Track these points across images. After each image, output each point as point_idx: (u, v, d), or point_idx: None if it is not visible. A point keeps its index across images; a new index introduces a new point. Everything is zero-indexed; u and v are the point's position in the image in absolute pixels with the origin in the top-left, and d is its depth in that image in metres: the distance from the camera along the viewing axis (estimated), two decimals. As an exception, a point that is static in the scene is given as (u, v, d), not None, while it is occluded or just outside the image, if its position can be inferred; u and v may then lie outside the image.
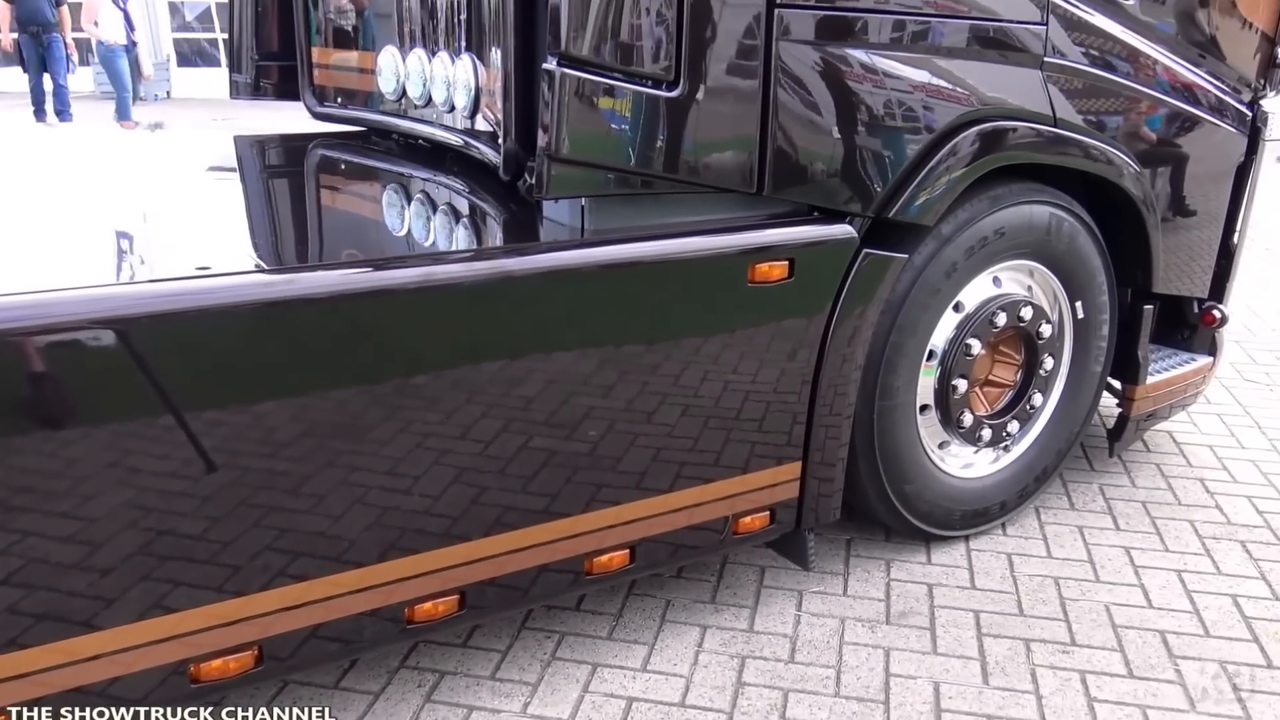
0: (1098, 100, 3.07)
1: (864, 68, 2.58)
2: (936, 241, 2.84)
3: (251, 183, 3.45)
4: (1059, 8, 2.88)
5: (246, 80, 3.71)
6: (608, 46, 2.25)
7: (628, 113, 2.31)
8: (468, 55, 2.70)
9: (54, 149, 4.42)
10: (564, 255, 2.37)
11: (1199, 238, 3.59)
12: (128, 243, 2.50)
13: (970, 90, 2.75)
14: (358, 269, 2.23)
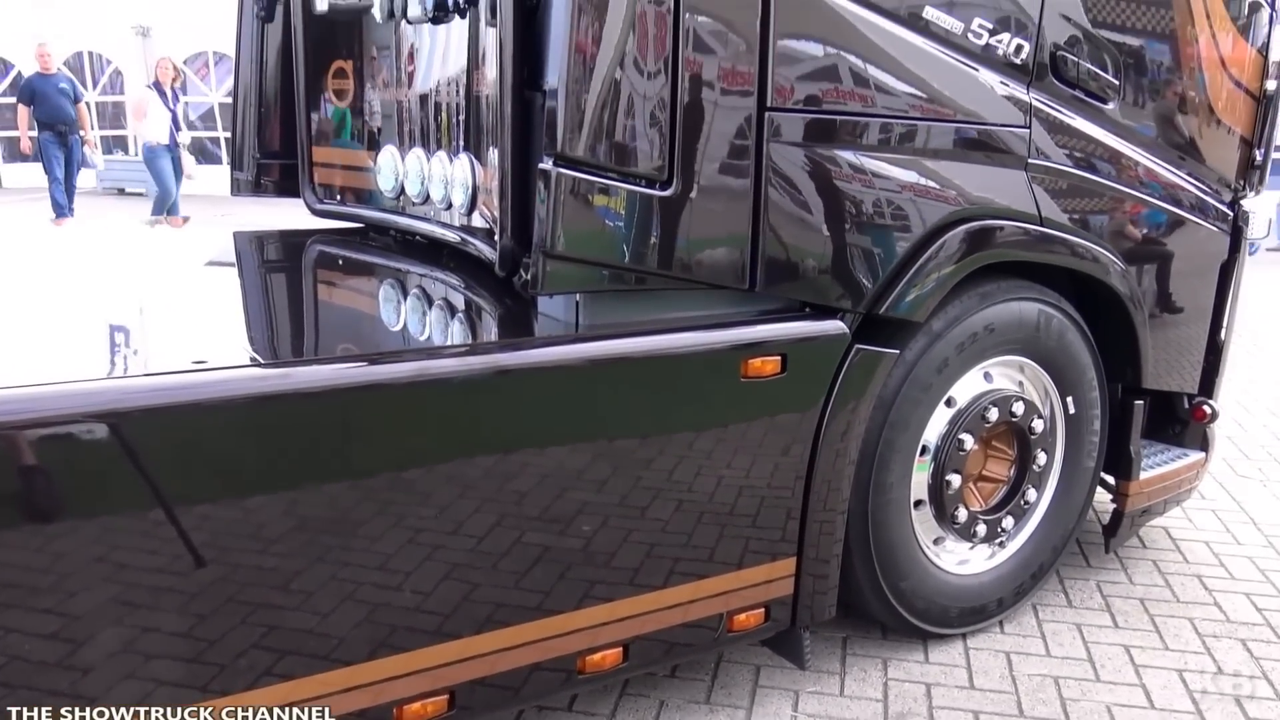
0: (1082, 200, 3.13)
1: (853, 168, 2.64)
2: (927, 337, 2.87)
3: (250, 277, 3.49)
4: (1040, 111, 2.96)
5: (248, 178, 3.77)
6: (602, 147, 2.31)
7: (622, 211, 2.36)
8: (465, 155, 2.76)
9: (53, 242, 4.47)
10: (558, 350, 2.38)
11: (1187, 334, 3.63)
12: (123, 336, 2.51)
13: (957, 190, 2.81)
14: (353, 363, 2.24)
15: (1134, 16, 3.15)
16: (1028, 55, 2.89)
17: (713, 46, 2.40)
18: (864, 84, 2.63)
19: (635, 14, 2.28)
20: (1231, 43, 3.46)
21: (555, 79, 2.27)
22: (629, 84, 2.30)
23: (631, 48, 2.29)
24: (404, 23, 2.95)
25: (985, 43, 2.80)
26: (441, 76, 2.93)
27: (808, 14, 2.51)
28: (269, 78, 3.65)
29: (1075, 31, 2.99)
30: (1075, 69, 3.00)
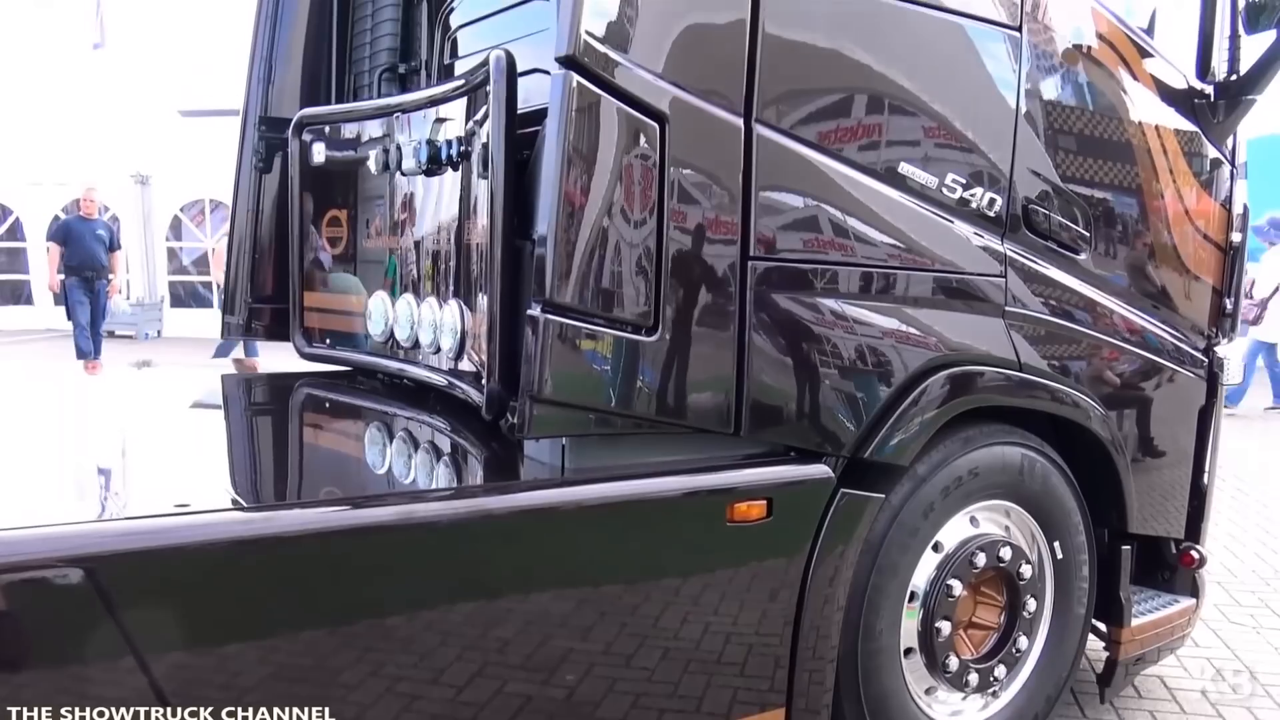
0: (1059, 346, 3.20)
1: (834, 315, 2.70)
2: (913, 482, 2.88)
3: (236, 420, 3.49)
4: (1015, 261, 3.05)
5: (238, 321, 3.82)
6: (589, 293, 2.36)
7: (608, 356, 2.39)
8: (455, 300, 2.81)
9: (39, 382, 4.48)
10: (544, 494, 2.38)
11: (1170, 478, 3.65)
12: (104, 478, 2.50)
13: (938, 337, 2.87)
14: (336, 507, 2.23)
15: (1101, 172, 3.28)
16: (1001, 208, 2.99)
17: (697, 197, 2.48)
18: (844, 234, 2.72)
19: (622, 166, 2.36)
20: (1196, 197, 3.60)
21: (545, 227, 2.34)
22: (616, 233, 2.37)
23: (619, 198, 2.37)
24: (398, 174, 3.05)
25: (959, 196, 2.90)
26: (433, 225, 3.02)
27: (788, 168, 2.61)
28: (264, 225, 3.74)
29: (1045, 186, 3.11)
30: (1047, 221, 3.11)
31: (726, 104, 2.49)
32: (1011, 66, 2.97)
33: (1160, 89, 3.40)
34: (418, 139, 2.93)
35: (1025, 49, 2.97)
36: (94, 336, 12.12)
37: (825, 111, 2.73)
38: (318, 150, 3.43)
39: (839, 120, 2.75)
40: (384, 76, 3.53)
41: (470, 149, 2.72)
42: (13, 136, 16.76)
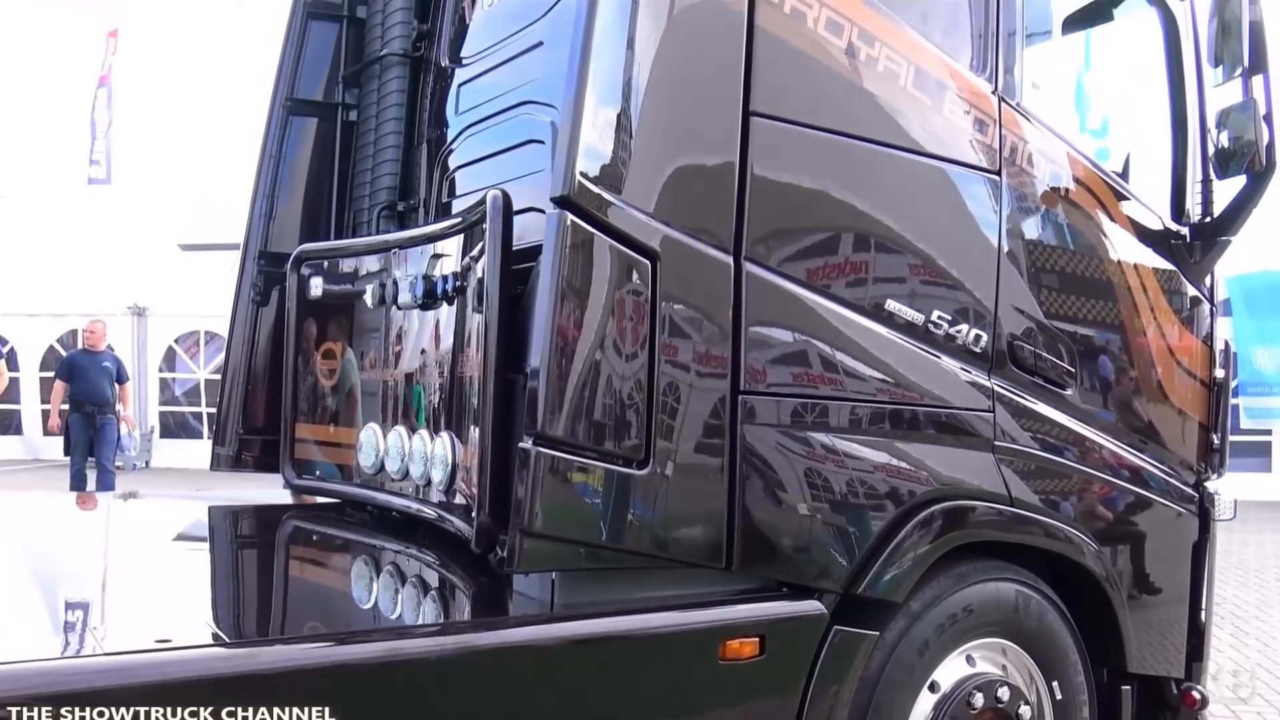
0: (1050, 481, 3.20)
1: (825, 449, 2.71)
2: (907, 618, 2.84)
3: (221, 553, 3.45)
4: (1003, 396, 3.08)
5: (228, 453, 3.81)
6: (581, 427, 2.37)
7: (599, 489, 2.39)
8: (446, 433, 2.82)
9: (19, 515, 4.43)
10: (533, 630, 2.35)
11: (1166, 615, 3.60)
12: (82, 613, 2.45)
13: (928, 471, 2.87)
14: (320, 643, 2.19)
15: (1084, 309, 3.35)
16: (986, 344, 3.04)
17: (688, 332, 2.52)
18: (833, 369, 2.75)
19: (614, 302, 2.41)
20: (1178, 334, 3.66)
21: (537, 360, 2.37)
22: (608, 366, 2.40)
23: (611, 332, 2.41)
24: (394, 308, 3.09)
25: (945, 332, 2.95)
26: (427, 358, 3.05)
27: (777, 305, 2.67)
28: (259, 357, 3.77)
29: (1030, 323, 3.17)
30: (1033, 357, 3.15)
31: (716, 242, 2.56)
32: (992, 207, 3.06)
33: (1137, 230, 3.50)
34: (414, 274, 2.99)
35: (1005, 192, 3.07)
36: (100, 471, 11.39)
37: (813, 249, 2.80)
38: (315, 284, 3.49)
39: (826, 258, 2.82)
40: (383, 213, 3.62)
41: (465, 284, 2.77)
42: (10, 267, 16.96)
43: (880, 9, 2.83)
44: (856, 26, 2.76)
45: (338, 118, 3.85)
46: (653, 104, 2.52)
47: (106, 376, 11.34)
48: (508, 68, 3.06)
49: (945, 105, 2.95)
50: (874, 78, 2.81)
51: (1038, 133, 3.19)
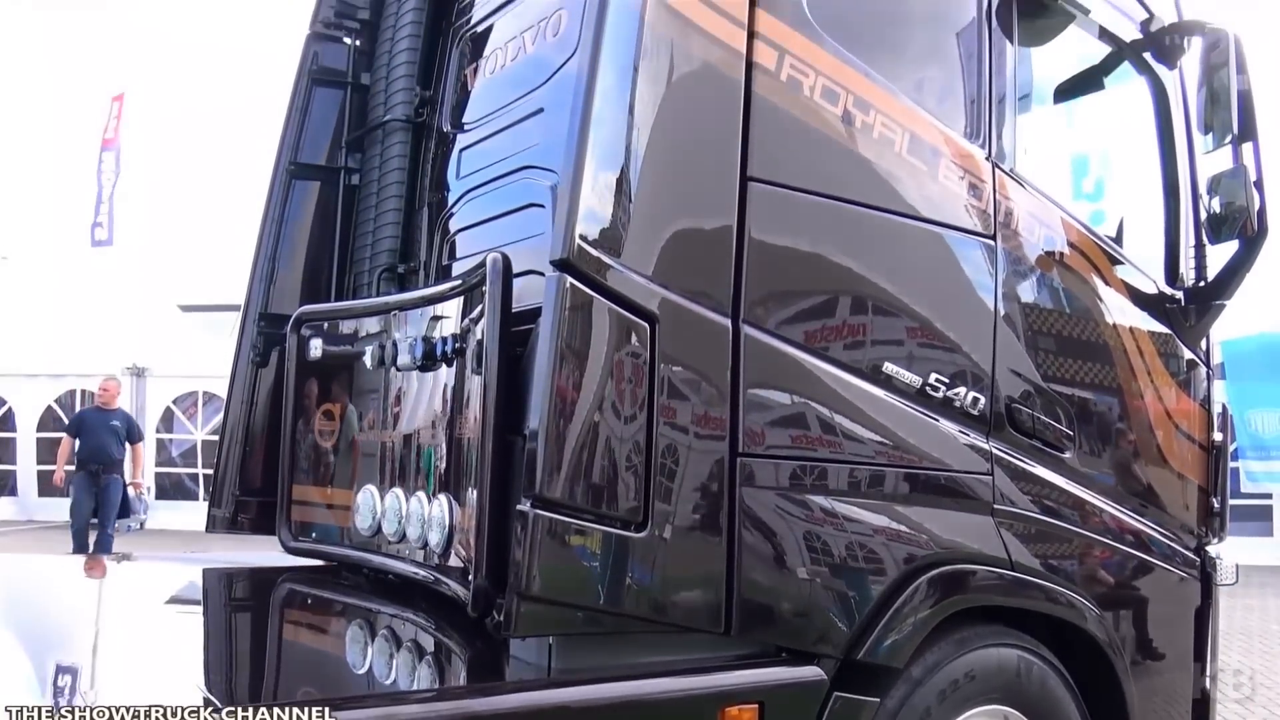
0: (1051, 545, 3.18)
1: (824, 512, 2.70)
2: (908, 685, 2.80)
3: (215, 617, 3.42)
4: (1002, 459, 3.08)
5: (224, 515, 3.79)
6: (580, 489, 2.37)
7: (597, 553, 2.38)
8: (444, 495, 2.81)
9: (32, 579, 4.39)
10: (530, 696, 2.32)
11: (1170, 682, 3.56)
12: (70, 677, 2.42)
13: (928, 534, 2.86)
14: (314, 708, 2.15)
15: (1081, 372, 3.36)
16: (984, 407, 3.05)
17: (686, 394, 2.53)
18: (831, 431, 2.76)
19: (613, 364, 2.42)
20: (1175, 397, 3.67)
21: (536, 422, 2.37)
22: (607, 428, 2.40)
23: (609, 394, 2.41)
24: (393, 370, 3.10)
25: (943, 395, 2.96)
26: (425, 420, 3.05)
27: (775, 367, 2.68)
28: (257, 418, 3.77)
29: (1027, 386, 3.18)
30: (1031, 420, 3.16)
31: (714, 305, 2.58)
32: (988, 271, 3.09)
33: (1132, 294, 3.53)
34: (414, 336, 3.00)
35: (1000, 255, 3.10)
36: (100, 532, 10.93)
37: (811, 312, 2.82)
38: (315, 345, 3.50)
39: (824, 321, 2.84)
40: (383, 276, 3.64)
41: (465, 346, 2.78)
42: (10, 328, 17.00)
43: (875, 77, 2.88)
44: (852, 94, 2.81)
45: (340, 182, 3.90)
46: (652, 169, 2.56)
47: (114, 436, 11.00)
48: (509, 133, 3.11)
49: (940, 171, 2.99)
50: (870, 144, 2.86)
51: (1031, 198, 3.23)
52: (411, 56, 3.69)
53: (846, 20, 2.91)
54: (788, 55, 2.71)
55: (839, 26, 2.84)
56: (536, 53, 3.04)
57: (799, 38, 2.74)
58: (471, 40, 3.56)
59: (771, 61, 2.69)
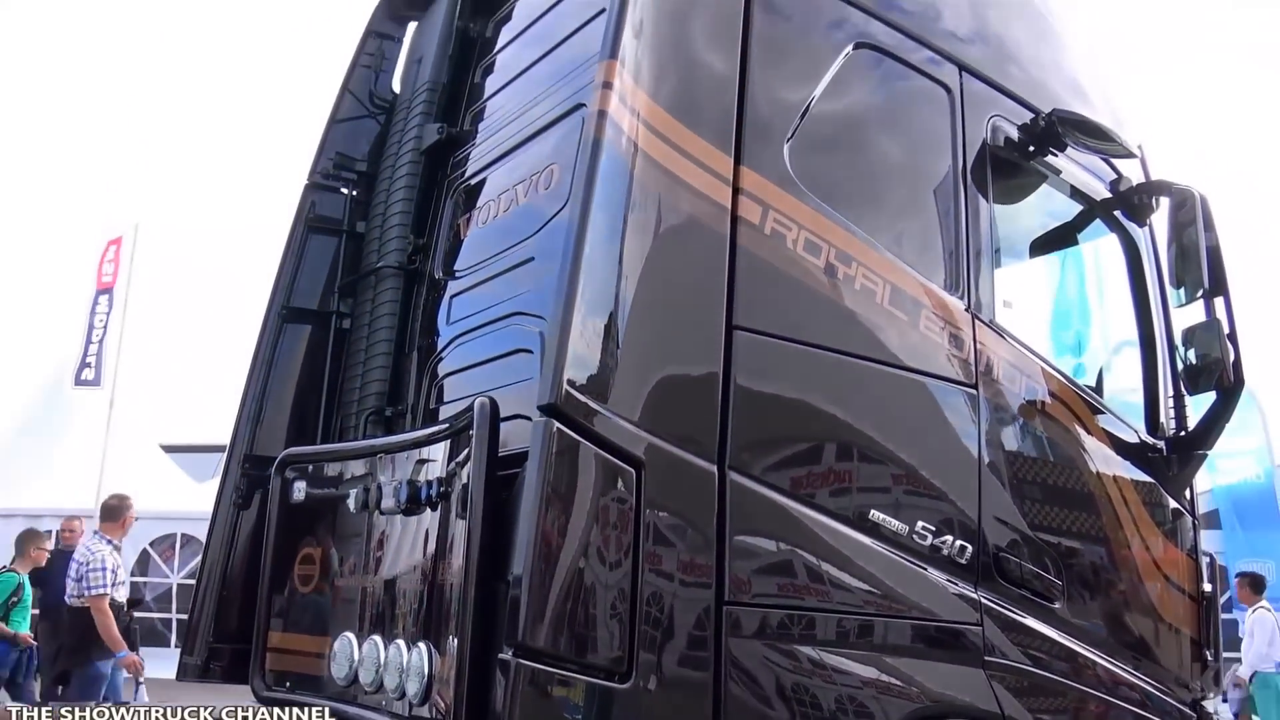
0: (1044, 699, 3.11)
1: (813, 664, 2.65)
2: None
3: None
4: (991, 610, 3.04)
5: (196, 662, 3.68)
6: (563, 638, 2.32)
7: (580, 703, 2.32)
8: (424, 643, 2.74)
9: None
10: None
11: None
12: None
13: (919, 687, 2.80)
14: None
15: (1067, 521, 3.36)
16: (971, 556, 3.03)
17: (672, 541, 2.52)
18: (819, 580, 2.73)
19: (598, 510, 2.41)
20: (1162, 547, 3.66)
21: (520, 568, 2.35)
22: (591, 575, 2.38)
23: (595, 541, 2.40)
24: (376, 514, 3.08)
25: (930, 544, 2.94)
26: (407, 565, 3.01)
27: (761, 514, 2.67)
28: (236, 561, 3.71)
29: (1014, 535, 3.16)
30: (1019, 569, 3.13)
31: (700, 451, 2.59)
32: (971, 419, 3.12)
33: (1115, 443, 3.56)
34: (399, 479, 2.99)
35: (982, 405, 3.13)
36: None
37: (796, 459, 2.84)
38: (298, 488, 3.47)
39: (810, 468, 2.85)
40: (370, 419, 3.65)
41: (450, 490, 2.77)
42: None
43: (856, 231, 2.98)
44: (834, 247, 2.90)
45: (331, 325, 3.95)
46: (639, 317, 2.61)
47: None
48: (500, 280, 3.18)
49: (921, 321, 3.05)
50: (852, 295, 2.93)
51: (1011, 348, 3.29)
52: (407, 206, 3.80)
53: (827, 177, 3.02)
54: (771, 210, 2.81)
55: (820, 182, 2.95)
56: (529, 204, 3.14)
57: (782, 193, 2.84)
58: (465, 191, 3.67)
59: (756, 216, 2.78)
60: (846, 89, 3.15)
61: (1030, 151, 3.47)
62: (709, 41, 2.88)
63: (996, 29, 3.63)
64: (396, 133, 4.05)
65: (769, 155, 2.88)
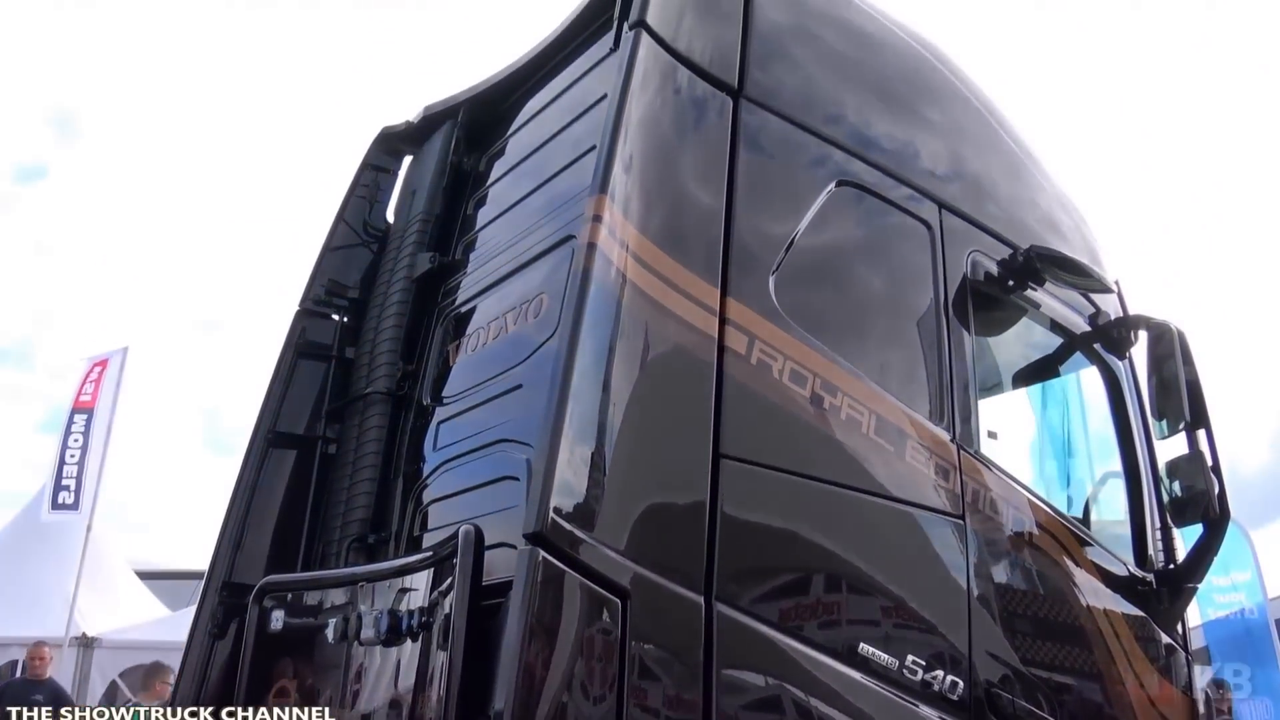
0: None
1: None
2: None
3: None
4: None
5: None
6: None
7: None
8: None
9: None
10: None
11: None
12: None
13: None
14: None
15: (1059, 656, 3.30)
16: (964, 692, 2.96)
17: (658, 673, 2.47)
18: (808, 716, 2.67)
19: (583, 641, 2.37)
20: (1157, 684, 3.59)
21: (502, 703, 2.29)
22: (575, 709, 2.32)
23: (579, 672, 2.34)
24: (355, 644, 3.00)
25: (921, 678, 2.88)
26: (385, 698, 2.93)
27: (748, 646, 2.62)
28: (209, 693, 3.59)
29: (1006, 670, 3.11)
30: (1011, 706, 3.06)
31: (687, 581, 2.56)
32: (959, 551, 3.10)
33: (1104, 576, 3.53)
34: (380, 609, 2.93)
35: (970, 536, 3.12)
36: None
37: (783, 590, 2.80)
38: (276, 617, 3.39)
39: (798, 599, 2.81)
40: (353, 546, 3.60)
41: (432, 620, 2.72)
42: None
43: (840, 361, 3.01)
44: (819, 377, 2.93)
45: (317, 451, 3.93)
46: (626, 445, 2.61)
47: None
48: (487, 407, 3.19)
49: (907, 452, 3.06)
50: (838, 425, 2.94)
51: (998, 479, 3.30)
52: (397, 333, 3.84)
53: (812, 308, 3.08)
54: (757, 340, 2.84)
55: (805, 314, 3.00)
56: (518, 332, 3.18)
57: (767, 324, 2.89)
58: (455, 319, 3.72)
59: (742, 346, 2.82)
60: (829, 223, 3.23)
61: (1010, 286, 3.55)
62: (696, 177, 2.96)
63: (973, 167, 3.75)
64: (389, 261, 4.12)
65: (755, 287, 2.93)
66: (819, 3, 3.58)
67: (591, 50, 3.57)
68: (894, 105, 3.59)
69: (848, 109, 3.42)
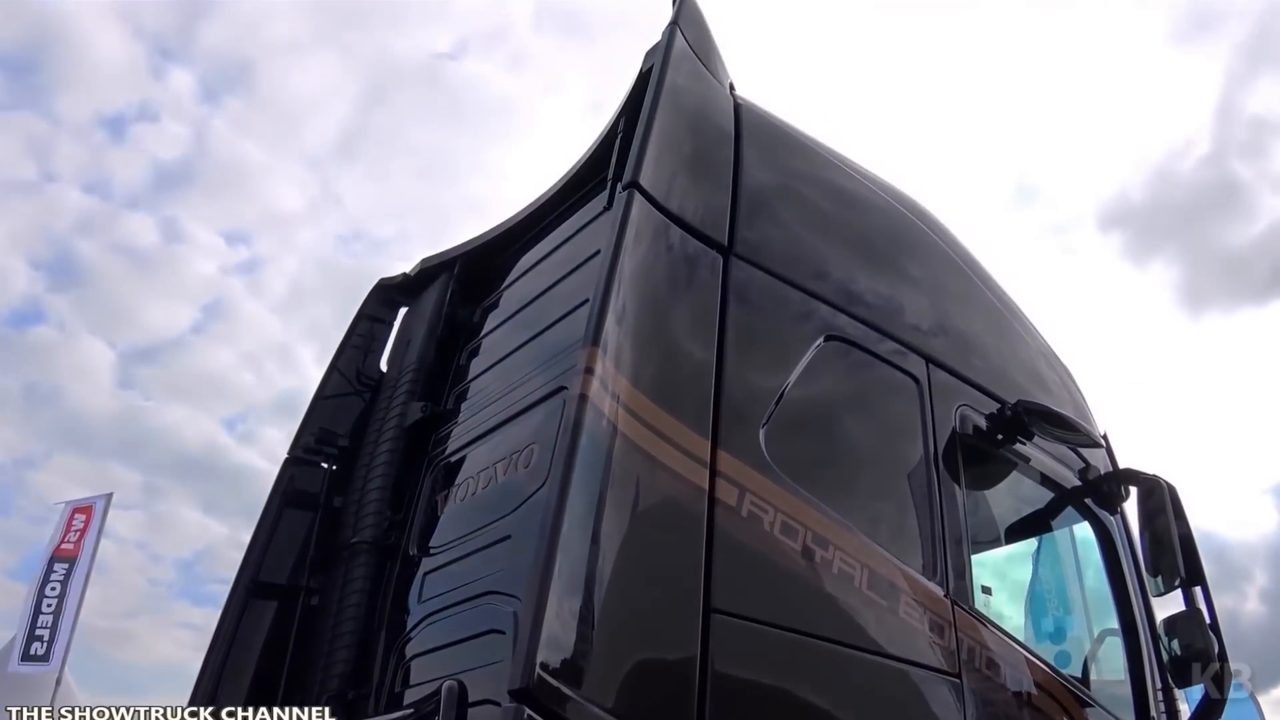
0: None
1: None
2: None
3: None
4: None
5: None
6: None
7: None
8: None
9: None
10: None
11: None
12: None
13: None
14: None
15: None
16: None
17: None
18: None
19: None
20: None
21: None
22: None
23: None
24: None
25: None
26: None
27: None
28: None
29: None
30: None
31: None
32: (956, 709, 3.02)
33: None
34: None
35: (967, 694, 3.04)
36: None
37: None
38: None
39: None
40: (331, 701, 3.48)
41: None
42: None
43: (831, 514, 2.99)
44: (810, 530, 2.90)
45: (299, 602, 3.84)
46: (615, 598, 2.56)
47: None
48: (475, 558, 3.14)
49: (901, 607, 3.01)
50: (831, 579, 2.90)
51: (994, 636, 3.24)
52: (385, 482, 3.81)
53: (803, 460, 3.07)
54: (748, 492, 2.83)
55: (796, 466, 3.00)
56: (508, 481, 3.16)
57: (758, 476, 2.88)
58: (445, 468, 3.70)
59: (733, 498, 2.80)
60: (819, 377, 3.26)
61: (999, 440, 3.56)
62: (687, 331, 3.01)
63: (957, 322, 3.82)
64: (381, 410, 4.12)
65: (745, 439, 2.93)
66: (804, 164, 3.71)
67: (585, 208, 3.68)
68: (878, 262, 3.68)
69: (834, 265, 3.51)
